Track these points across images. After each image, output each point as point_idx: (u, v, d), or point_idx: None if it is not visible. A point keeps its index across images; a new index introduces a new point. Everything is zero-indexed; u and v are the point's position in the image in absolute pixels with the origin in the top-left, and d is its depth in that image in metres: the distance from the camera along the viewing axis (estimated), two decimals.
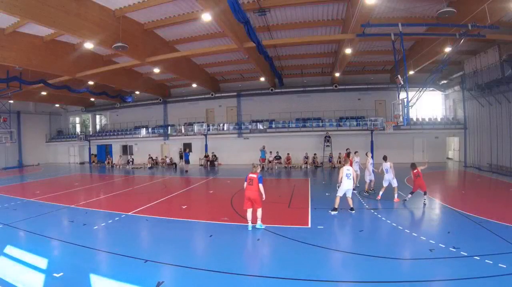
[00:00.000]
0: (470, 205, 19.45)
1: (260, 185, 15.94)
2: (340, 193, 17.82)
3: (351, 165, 21.38)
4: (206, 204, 23.89)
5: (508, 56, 30.27)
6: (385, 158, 22.90)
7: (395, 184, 21.96)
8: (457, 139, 47.29)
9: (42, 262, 11.65)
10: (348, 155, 22.88)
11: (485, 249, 11.89)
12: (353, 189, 19.97)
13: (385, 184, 22.20)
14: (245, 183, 16.37)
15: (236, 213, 19.32)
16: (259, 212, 15.94)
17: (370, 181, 24.54)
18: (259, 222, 15.95)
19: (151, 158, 53.90)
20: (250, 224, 15.98)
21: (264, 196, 16.12)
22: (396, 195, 21.81)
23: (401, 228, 15.12)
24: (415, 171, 20.62)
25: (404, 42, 26.14)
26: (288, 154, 46.14)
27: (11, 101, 55.45)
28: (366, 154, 25.94)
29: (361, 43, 35.06)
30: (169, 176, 40.63)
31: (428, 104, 48.18)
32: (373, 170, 24.69)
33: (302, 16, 30.18)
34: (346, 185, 17.72)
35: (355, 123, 47.58)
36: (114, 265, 11.72)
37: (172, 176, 40.71)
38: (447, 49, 29.23)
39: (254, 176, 16.06)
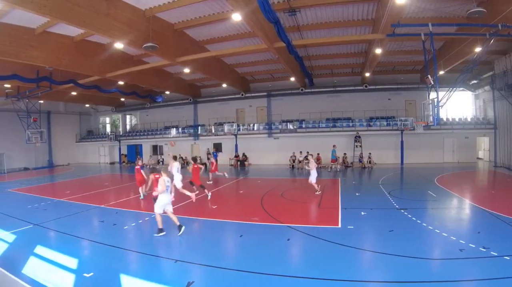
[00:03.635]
0: (500, 205, 19.28)
1: (142, 171, 23.00)
2: (160, 210, 15.34)
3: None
4: (236, 204, 24.00)
5: None
6: (311, 155, 26.50)
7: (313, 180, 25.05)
8: (487, 139, 47.18)
9: (72, 262, 11.92)
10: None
11: None
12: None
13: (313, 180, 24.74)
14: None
15: (266, 213, 19.56)
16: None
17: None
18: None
19: (181, 158, 53.77)
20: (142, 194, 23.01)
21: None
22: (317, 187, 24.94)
23: (431, 228, 15.06)
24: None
25: (434, 42, 26.47)
26: (318, 154, 45.40)
27: (41, 102, 55.86)
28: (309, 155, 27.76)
29: (391, 43, 35.08)
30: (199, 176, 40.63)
31: (458, 104, 48.01)
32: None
33: (332, 16, 30.23)
34: (167, 198, 15.67)
35: (385, 123, 47.49)
36: (144, 265, 11.96)
37: (202, 176, 40.53)
38: (477, 49, 29.22)
39: (138, 167, 23.53)
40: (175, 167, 23.23)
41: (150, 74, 45.23)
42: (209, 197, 23.70)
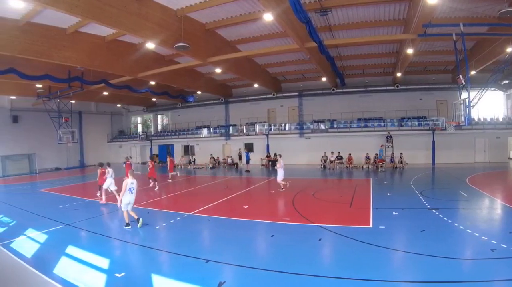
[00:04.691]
0: None
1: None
2: (125, 208, 17.01)
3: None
4: (268, 204, 24.39)
5: None
6: (280, 155, 29.14)
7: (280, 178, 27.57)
8: None
9: (104, 262, 12.18)
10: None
11: None
12: None
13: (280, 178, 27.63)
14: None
15: (297, 213, 19.63)
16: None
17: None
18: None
19: (213, 157, 54.73)
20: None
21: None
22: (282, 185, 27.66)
23: (462, 228, 15.02)
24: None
25: (466, 42, 26.62)
26: (350, 154, 45.95)
27: (73, 102, 55.91)
28: (279, 156, 30.12)
29: (423, 43, 34.94)
30: (230, 176, 41.10)
31: (490, 104, 47.54)
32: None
33: (363, 16, 30.28)
34: (128, 198, 17.10)
35: (416, 123, 47.34)
36: (176, 265, 12.15)
37: (233, 176, 41.17)
38: (509, 49, 29.26)
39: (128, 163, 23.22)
40: (109, 173, 24.93)
41: (181, 74, 45.58)
42: (156, 189, 28.85)
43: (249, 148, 56.13)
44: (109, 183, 24.79)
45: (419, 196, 23.40)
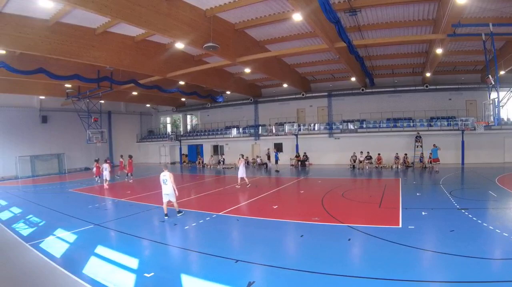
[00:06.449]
0: None
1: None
2: (164, 199, 19.02)
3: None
4: (297, 204, 24.47)
5: None
6: (242, 155, 32.12)
7: (241, 175, 30.77)
8: None
9: (133, 262, 12.40)
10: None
11: None
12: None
13: (240, 175, 30.80)
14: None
15: (327, 213, 19.78)
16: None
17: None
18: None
19: (242, 156, 54.14)
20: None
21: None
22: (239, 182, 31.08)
23: (492, 228, 14.99)
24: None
25: (495, 42, 26.39)
26: (379, 154, 46.19)
27: (102, 102, 56.51)
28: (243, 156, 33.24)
29: (452, 43, 34.96)
30: (260, 176, 41.44)
31: None
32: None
33: (393, 16, 30.35)
34: (164, 189, 18.92)
35: (445, 123, 47.16)
36: (205, 265, 12.21)
37: (263, 176, 41.43)
38: None
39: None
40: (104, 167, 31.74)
41: (210, 74, 45.98)
42: (131, 181, 34.32)
43: (278, 147, 56.50)
44: (105, 174, 31.21)
45: (449, 195, 23.44)
